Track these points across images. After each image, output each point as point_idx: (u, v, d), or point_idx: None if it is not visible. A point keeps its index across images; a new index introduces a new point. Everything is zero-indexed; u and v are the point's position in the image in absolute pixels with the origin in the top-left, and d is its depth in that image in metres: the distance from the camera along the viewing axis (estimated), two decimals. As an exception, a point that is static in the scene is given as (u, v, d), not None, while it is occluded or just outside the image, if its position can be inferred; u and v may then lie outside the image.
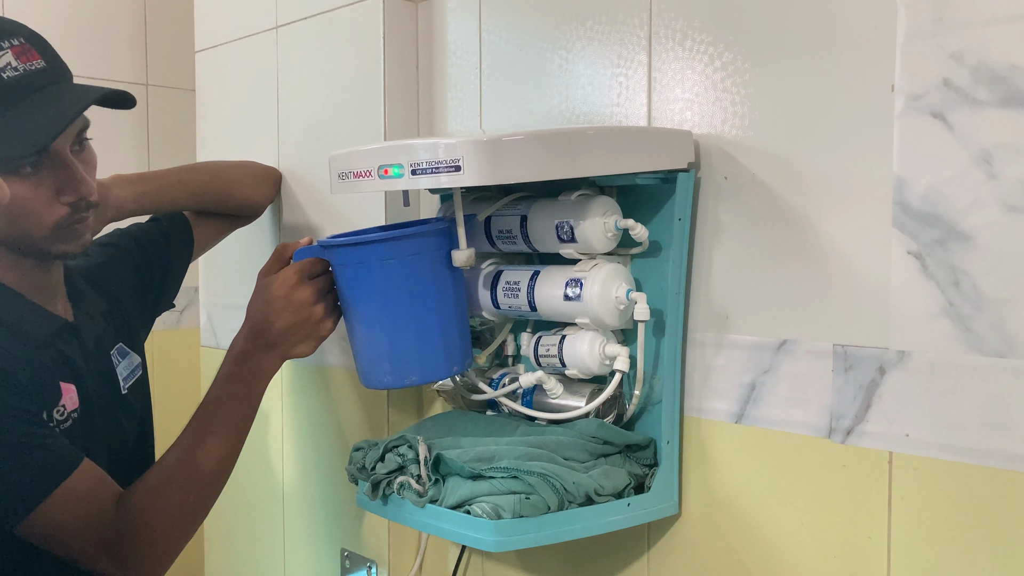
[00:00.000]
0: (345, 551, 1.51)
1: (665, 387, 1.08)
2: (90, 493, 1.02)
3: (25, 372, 1.02)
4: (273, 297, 1.09)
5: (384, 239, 1.10)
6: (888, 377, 0.93)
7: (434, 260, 1.10)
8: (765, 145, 1.02)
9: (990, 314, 0.86)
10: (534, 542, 0.99)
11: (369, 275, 1.08)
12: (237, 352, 1.11)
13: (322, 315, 1.11)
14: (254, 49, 1.62)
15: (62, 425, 1.05)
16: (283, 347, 1.10)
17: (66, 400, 1.07)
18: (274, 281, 1.10)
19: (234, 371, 1.10)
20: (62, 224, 1.04)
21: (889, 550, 0.94)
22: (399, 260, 1.08)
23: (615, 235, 1.07)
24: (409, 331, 1.09)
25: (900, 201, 0.91)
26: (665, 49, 1.11)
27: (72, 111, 1.01)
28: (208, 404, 1.10)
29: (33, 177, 1.01)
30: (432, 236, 1.10)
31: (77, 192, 1.03)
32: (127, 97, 1.07)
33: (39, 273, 1.09)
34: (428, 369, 1.11)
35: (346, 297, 1.11)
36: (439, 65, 1.40)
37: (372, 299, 1.09)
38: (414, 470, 1.05)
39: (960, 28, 0.87)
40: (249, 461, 1.70)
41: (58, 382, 1.07)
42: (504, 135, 0.98)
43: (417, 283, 1.08)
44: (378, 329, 1.09)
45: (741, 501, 1.06)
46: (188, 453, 1.07)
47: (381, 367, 1.10)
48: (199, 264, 1.77)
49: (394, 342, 1.09)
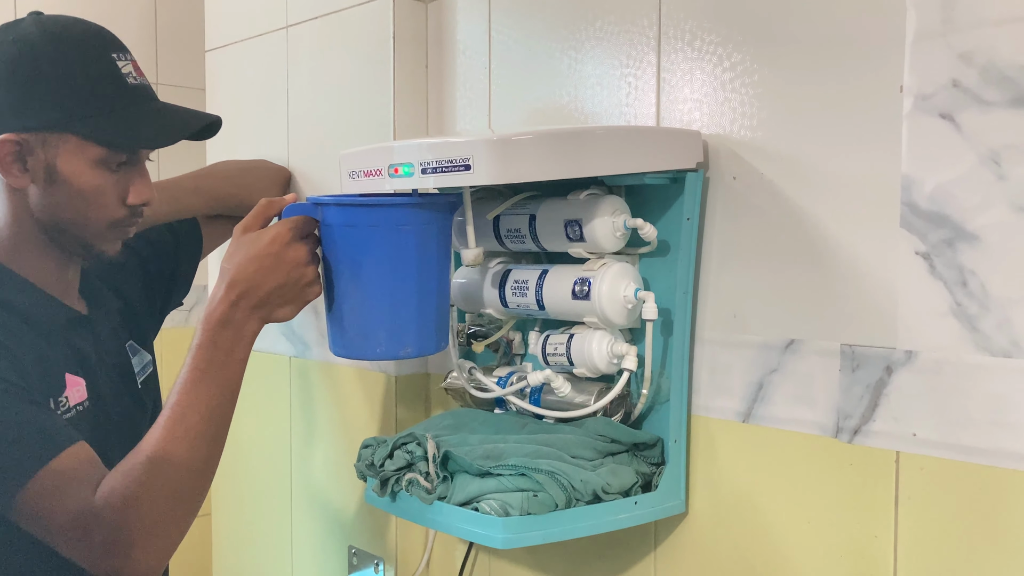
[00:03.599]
0: (353, 548, 1.51)
1: (673, 386, 1.09)
2: (77, 475, 0.96)
3: (31, 357, 1.03)
4: (263, 254, 1.01)
5: (402, 204, 1.06)
6: (895, 377, 0.93)
7: (440, 231, 1.07)
8: (773, 145, 1.03)
9: (997, 314, 0.86)
10: (541, 539, 1.00)
11: (378, 239, 1.03)
12: (217, 316, 1.00)
13: (312, 277, 1.04)
14: (264, 48, 1.63)
15: (64, 416, 1.05)
16: (267, 308, 1.02)
17: (70, 392, 1.07)
18: (262, 236, 1.01)
19: (212, 338, 1.00)
20: (116, 224, 1.09)
21: (895, 549, 0.94)
22: (414, 227, 1.04)
23: (624, 234, 1.07)
24: (412, 300, 1.05)
25: (908, 201, 0.92)
26: (674, 49, 1.11)
27: (190, 127, 1.11)
28: (185, 376, 1.00)
29: (115, 173, 1.07)
30: (444, 206, 1.08)
31: (142, 197, 1.10)
32: (217, 128, 1.16)
33: (59, 269, 1.11)
34: (423, 342, 1.07)
35: (344, 260, 1.04)
36: (448, 65, 1.40)
37: (378, 264, 1.04)
38: (422, 467, 1.06)
39: (969, 28, 0.87)
40: (257, 458, 1.71)
41: (64, 374, 1.07)
42: (514, 134, 0.98)
43: (425, 252, 1.05)
44: (379, 296, 1.04)
45: (748, 500, 1.06)
46: (169, 431, 0.97)
47: (376, 336, 1.05)
48: (208, 263, 1.77)
49: (395, 311, 1.05)
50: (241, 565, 1.78)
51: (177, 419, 0.98)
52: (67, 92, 1.03)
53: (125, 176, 1.08)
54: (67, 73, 1.04)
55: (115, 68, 1.06)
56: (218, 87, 1.76)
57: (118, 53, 1.07)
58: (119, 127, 1.05)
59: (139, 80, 1.09)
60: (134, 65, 1.09)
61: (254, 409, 1.65)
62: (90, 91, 1.04)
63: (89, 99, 1.04)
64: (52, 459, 0.95)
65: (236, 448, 1.09)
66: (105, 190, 1.07)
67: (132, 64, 1.09)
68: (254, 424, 1.68)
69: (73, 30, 1.07)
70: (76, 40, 1.05)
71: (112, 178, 1.07)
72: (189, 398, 0.99)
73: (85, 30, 1.08)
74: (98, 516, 0.95)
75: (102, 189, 1.07)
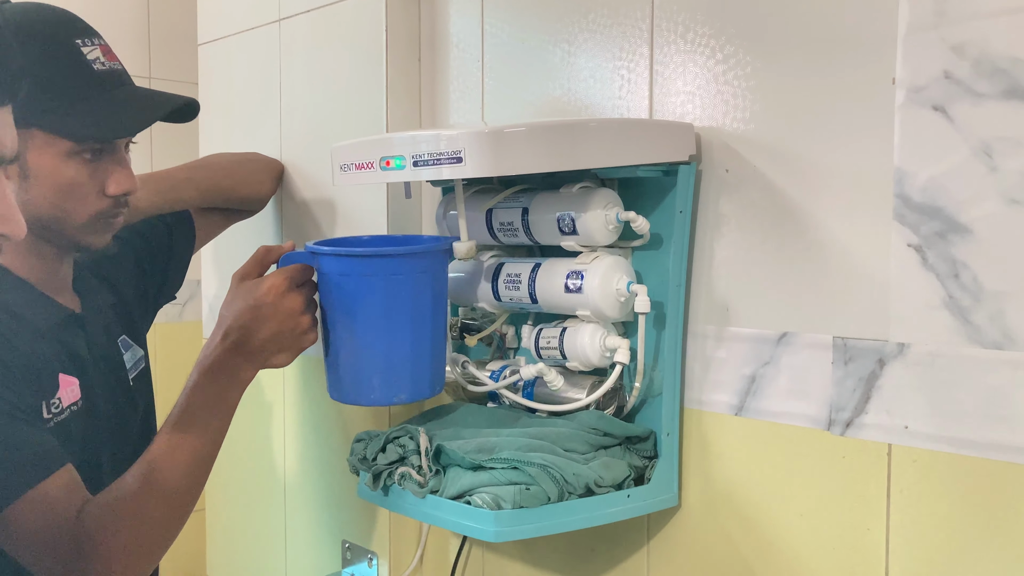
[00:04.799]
0: (346, 542, 1.51)
1: (665, 379, 1.09)
2: (61, 500, 0.97)
3: (23, 363, 1.02)
4: (260, 303, 1.02)
5: (395, 254, 1.08)
6: (888, 369, 0.93)
7: (435, 278, 1.08)
8: (766, 138, 1.03)
9: (990, 306, 0.86)
10: (534, 533, 1.00)
11: (372, 288, 1.04)
12: (212, 360, 1.03)
13: (308, 325, 1.05)
14: (257, 42, 1.62)
15: (58, 418, 1.05)
16: (263, 356, 1.04)
17: (63, 393, 1.06)
18: (260, 285, 1.03)
19: (207, 382, 1.03)
20: (100, 216, 1.07)
21: (888, 541, 0.94)
22: (407, 276, 1.05)
23: (616, 227, 1.07)
24: (406, 348, 1.06)
25: (901, 193, 0.92)
26: (667, 42, 1.11)
27: (160, 111, 1.08)
28: (177, 416, 1.02)
29: (90, 164, 1.05)
30: (438, 254, 1.09)
31: (122, 187, 1.07)
32: (194, 106, 1.13)
33: (52, 264, 1.10)
34: (417, 388, 1.09)
35: (339, 308, 1.06)
36: (441, 58, 1.40)
37: (372, 313, 1.05)
38: (415, 461, 1.06)
39: (961, 21, 0.87)
40: (250, 452, 1.71)
41: (57, 374, 1.06)
42: (506, 127, 0.98)
43: (420, 300, 1.06)
44: (373, 344, 1.06)
45: (741, 493, 1.06)
46: (155, 468, 1.00)
47: (370, 383, 1.07)
48: (201, 257, 1.77)
49: (389, 358, 1.06)
50: (235, 559, 1.78)
51: (165, 455, 1.00)
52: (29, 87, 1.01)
53: (102, 166, 1.06)
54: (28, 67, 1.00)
55: (79, 56, 1.04)
56: (211, 81, 1.75)
57: (84, 38, 1.05)
58: (84, 118, 1.03)
59: (108, 65, 1.06)
60: (103, 49, 1.06)
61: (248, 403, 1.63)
62: (53, 83, 1.02)
63: (52, 91, 1.01)
64: (39, 482, 0.95)
65: (230, 442, 1.08)
66: (81, 182, 1.05)
67: (100, 48, 1.06)
68: (248, 418, 1.67)
69: (35, 18, 1.04)
70: (37, 30, 1.03)
71: (87, 169, 1.05)
72: (178, 437, 1.01)
73: (47, 17, 1.05)
74: (79, 542, 0.96)
75: (77, 181, 1.04)
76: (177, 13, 2.30)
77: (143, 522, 0.99)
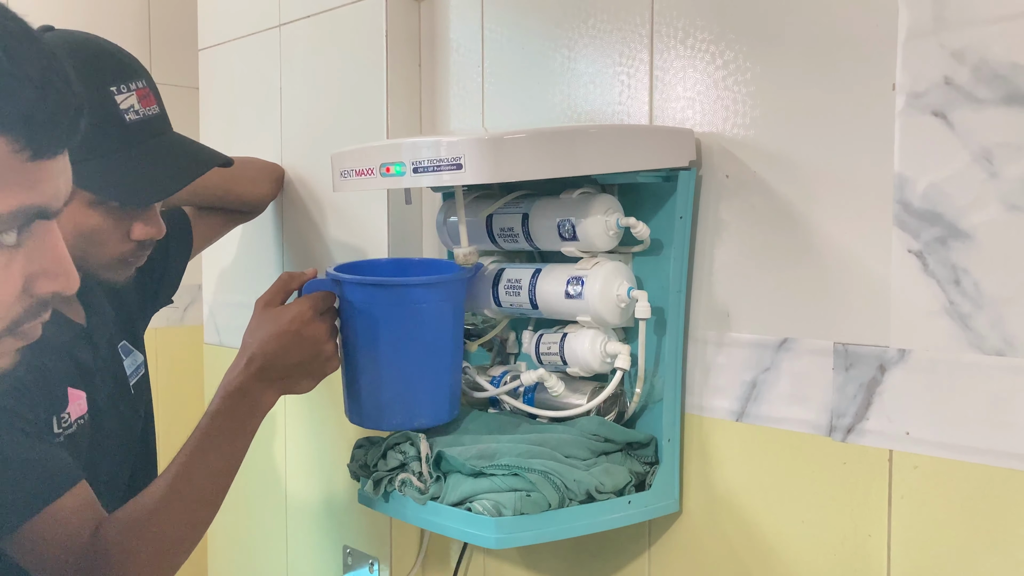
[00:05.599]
0: (347, 548, 1.51)
1: (666, 385, 1.09)
2: (76, 517, 0.98)
3: (36, 379, 1.02)
4: (283, 331, 1.03)
5: (415, 284, 1.08)
6: (888, 375, 0.93)
7: (455, 306, 1.10)
8: (766, 143, 1.03)
9: (990, 312, 0.86)
10: (535, 539, 1.00)
11: (394, 316, 1.05)
12: (235, 386, 1.04)
13: (331, 352, 1.07)
14: (257, 47, 1.62)
15: (67, 432, 1.05)
16: (286, 382, 1.05)
17: (72, 407, 1.07)
18: (284, 314, 1.04)
19: (229, 406, 1.04)
20: (122, 258, 1.06)
21: (889, 548, 0.94)
22: (430, 304, 1.06)
23: (616, 233, 1.07)
24: (426, 374, 1.08)
25: (901, 199, 0.92)
26: (667, 47, 1.11)
27: (190, 176, 1.05)
28: (198, 439, 1.03)
29: (116, 212, 1.03)
30: (459, 283, 1.10)
31: (148, 234, 1.06)
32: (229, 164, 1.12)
33: None
34: (436, 413, 1.10)
35: (361, 335, 1.06)
36: (441, 63, 1.40)
37: (394, 340, 1.06)
38: (416, 467, 1.06)
39: (961, 26, 0.87)
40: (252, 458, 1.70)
41: (66, 388, 1.06)
42: (506, 133, 0.98)
43: (441, 327, 1.07)
44: (394, 370, 1.07)
45: (742, 499, 1.06)
46: (174, 490, 1.01)
47: (390, 408, 1.08)
48: (202, 261, 1.77)
49: (410, 384, 1.07)
50: (236, 565, 1.78)
51: (183, 477, 1.01)
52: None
53: (128, 213, 1.04)
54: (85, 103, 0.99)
55: (112, 106, 1.00)
56: (211, 86, 1.75)
57: (120, 84, 1.01)
58: (111, 176, 1.00)
59: (143, 113, 1.02)
60: (140, 94, 1.02)
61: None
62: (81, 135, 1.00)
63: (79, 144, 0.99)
64: (55, 499, 0.96)
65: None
66: (104, 229, 1.03)
67: (138, 93, 1.02)
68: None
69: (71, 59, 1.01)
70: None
71: (112, 216, 1.03)
72: (198, 459, 1.02)
73: (84, 59, 1.00)
74: (95, 560, 0.97)
75: (100, 228, 1.03)
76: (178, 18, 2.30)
77: (160, 542, 1.00)
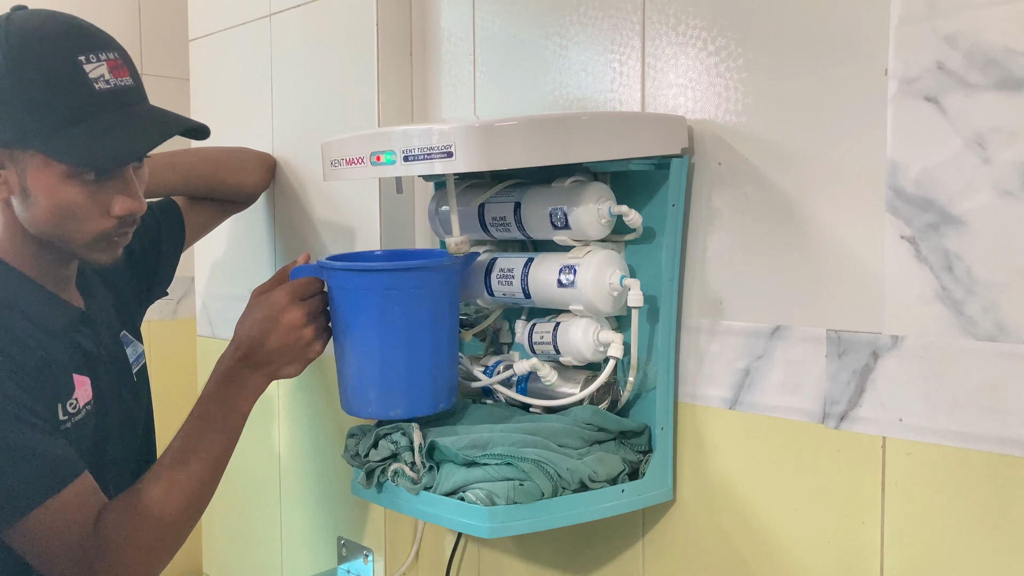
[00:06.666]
0: (342, 539, 1.51)
1: (659, 373, 1.08)
2: (78, 509, 1.00)
3: (38, 366, 1.02)
4: (263, 317, 1.07)
5: (388, 269, 1.09)
6: (882, 362, 0.93)
7: (436, 296, 1.09)
8: (759, 130, 1.02)
9: (983, 298, 0.86)
10: (528, 528, 1.00)
11: (368, 303, 1.06)
12: (223, 370, 1.08)
13: (311, 338, 1.09)
14: (248, 37, 1.61)
15: (74, 418, 1.05)
16: (271, 367, 1.08)
17: (79, 394, 1.07)
18: (265, 301, 1.08)
19: (219, 390, 1.08)
20: (105, 235, 1.05)
21: (882, 535, 0.94)
22: (401, 292, 1.06)
23: (609, 221, 1.07)
24: (400, 364, 1.07)
25: (894, 185, 0.91)
26: (659, 34, 1.10)
27: (160, 136, 1.03)
28: (192, 423, 1.08)
29: (92, 186, 1.02)
30: (436, 271, 1.09)
31: (127, 209, 1.05)
32: (204, 131, 1.09)
33: (58, 265, 1.10)
34: (414, 404, 1.09)
35: (340, 321, 1.08)
36: (433, 52, 1.39)
37: (367, 327, 1.07)
38: (408, 457, 1.05)
39: (954, 11, 0.87)
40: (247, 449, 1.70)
41: (72, 375, 1.07)
42: (496, 120, 0.97)
43: (415, 317, 1.07)
44: (369, 358, 1.08)
45: (735, 487, 1.06)
46: (170, 472, 1.04)
47: (366, 396, 1.09)
48: (195, 253, 1.77)
49: (384, 373, 1.08)
50: (231, 556, 1.78)
51: (180, 463, 1.05)
52: (27, 107, 0.97)
53: (106, 187, 1.03)
54: (27, 87, 0.97)
55: (81, 75, 0.98)
56: (202, 76, 1.75)
57: (88, 54, 0.99)
58: (81, 143, 0.98)
59: (114, 83, 1.01)
60: (111, 64, 1.01)
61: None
62: (51, 104, 0.97)
63: (50, 113, 0.98)
64: (58, 492, 0.98)
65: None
66: (82, 204, 1.01)
67: (108, 64, 1.00)
68: (242, 415, 1.67)
69: (38, 34, 0.99)
70: (38, 48, 0.98)
71: (89, 191, 1.01)
72: (193, 444, 1.06)
73: (51, 33, 0.99)
74: (97, 549, 1.00)
75: (78, 203, 1.01)
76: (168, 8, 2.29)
77: (160, 525, 1.02)
